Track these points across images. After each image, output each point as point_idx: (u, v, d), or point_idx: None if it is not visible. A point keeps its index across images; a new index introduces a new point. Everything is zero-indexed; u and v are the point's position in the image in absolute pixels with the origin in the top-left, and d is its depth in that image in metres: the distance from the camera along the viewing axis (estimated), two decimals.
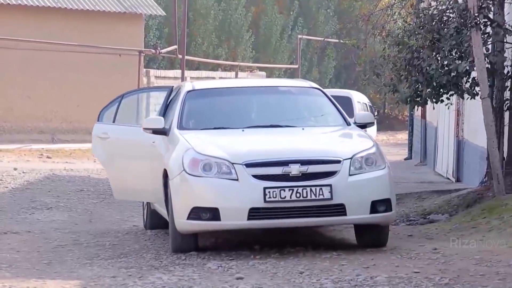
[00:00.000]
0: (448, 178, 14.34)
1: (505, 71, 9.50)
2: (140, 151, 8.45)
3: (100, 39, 22.17)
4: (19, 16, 21.40)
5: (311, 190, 7.15)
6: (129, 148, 8.61)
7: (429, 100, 9.71)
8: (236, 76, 27.23)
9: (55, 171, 14.82)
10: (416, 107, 10.71)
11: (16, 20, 21.28)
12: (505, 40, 9.45)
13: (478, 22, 8.95)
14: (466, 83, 9.55)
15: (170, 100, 8.65)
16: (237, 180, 7.19)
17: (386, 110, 36.82)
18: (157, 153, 8.16)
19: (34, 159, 17.41)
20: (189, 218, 7.24)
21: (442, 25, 9.47)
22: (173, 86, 8.94)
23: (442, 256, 7.02)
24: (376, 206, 7.30)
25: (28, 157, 17.79)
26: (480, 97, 9.20)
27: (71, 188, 12.94)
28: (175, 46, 24.49)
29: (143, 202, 9.45)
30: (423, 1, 10.40)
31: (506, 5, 9.55)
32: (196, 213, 7.22)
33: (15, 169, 15.44)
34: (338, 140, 7.86)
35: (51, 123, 21.79)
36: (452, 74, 9.29)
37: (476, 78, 9.33)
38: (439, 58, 9.36)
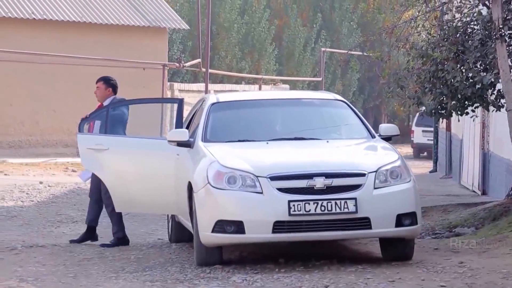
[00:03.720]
0: (474, 191, 14.24)
1: None
2: (160, 163, 8.38)
3: (124, 53, 22.30)
4: (44, 30, 21.58)
5: (335, 203, 7.12)
6: (141, 160, 8.50)
7: (454, 112, 9.65)
8: (260, 89, 27.27)
9: (80, 184, 14.88)
10: (440, 119, 10.66)
11: (41, 34, 21.46)
12: None
13: (503, 34, 8.90)
14: (491, 95, 9.49)
15: (194, 113, 8.67)
16: (261, 193, 7.18)
17: (410, 123, 36.68)
18: (181, 166, 8.17)
19: (60, 172, 17.50)
20: (213, 231, 7.24)
21: (467, 37, 9.42)
22: (183, 99, 8.91)
23: (469, 269, 6.96)
24: (401, 219, 7.27)
25: (54, 171, 17.89)
26: (506, 109, 9.13)
27: None
28: (199, 60, 24.57)
29: (167, 216, 9.46)
30: (447, 13, 10.35)
31: None
32: (221, 226, 7.21)
33: (40, 182, 15.54)
34: (362, 153, 7.83)
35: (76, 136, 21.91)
36: (477, 86, 9.23)
37: (501, 90, 9.27)
38: (463, 70, 9.31)
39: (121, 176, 8.55)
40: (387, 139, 8.13)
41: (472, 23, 9.49)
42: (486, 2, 9.23)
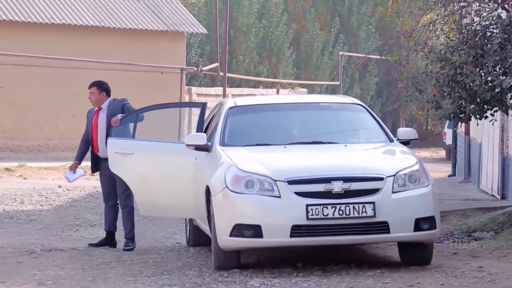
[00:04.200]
0: (493, 195, 14.16)
1: None
2: (177, 167, 8.43)
3: (142, 57, 22.37)
4: (63, 35, 21.69)
5: (354, 207, 7.10)
6: (162, 164, 8.55)
7: (472, 116, 9.60)
8: (278, 93, 27.26)
9: (98, 188, 14.87)
10: (459, 123, 10.60)
11: (60, 39, 21.58)
12: None
13: None
14: (510, 99, 9.43)
15: (212, 117, 8.67)
16: (279, 197, 7.17)
17: (429, 127, 36.57)
18: (199, 170, 8.17)
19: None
20: (231, 235, 7.24)
21: (486, 40, 9.38)
22: (206, 103, 8.94)
23: (488, 274, 6.92)
24: (420, 223, 7.24)
25: None
26: None
27: None
28: (217, 64, 24.62)
29: (185, 219, 9.47)
30: (466, 17, 10.31)
31: None
32: (239, 230, 7.21)
33: (59, 186, 15.60)
34: (381, 156, 7.81)
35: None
36: (496, 90, 9.18)
37: None
38: (482, 74, 9.26)
39: (144, 180, 8.60)
40: (406, 143, 8.10)
41: (491, 26, 9.45)
42: (506, 6, 9.18)
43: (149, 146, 8.69)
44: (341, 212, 7.08)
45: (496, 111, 9.66)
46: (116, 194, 9.12)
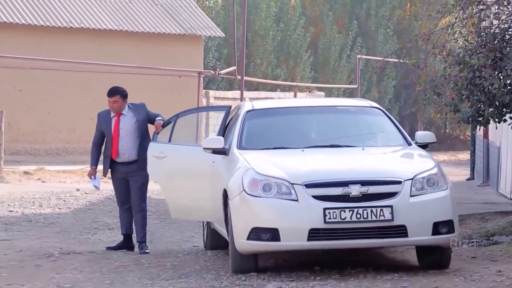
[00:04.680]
0: None
1: None
2: (200, 170, 8.47)
3: (160, 60, 22.43)
4: (81, 39, 21.78)
5: (371, 211, 7.08)
6: (187, 167, 8.62)
7: (491, 119, 9.56)
8: (295, 97, 27.25)
9: None
10: (478, 126, 10.55)
11: (78, 42, 21.67)
12: None
13: None
14: None
15: (230, 120, 8.68)
16: (296, 200, 7.16)
17: (447, 130, 36.42)
18: (217, 173, 8.18)
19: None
20: (249, 238, 7.24)
21: (505, 43, 9.33)
22: (231, 106, 8.96)
23: (507, 278, 6.87)
24: (438, 227, 7.21)
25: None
26: None
27: None
28: (234, 67, 24.63)
29: (203, 223, 9.48)
30: (485, 20, 10.26)
31: None
32: (256, 233, 7.21)
33: (77, 189, 15.66)
34: (399, 160, 7.78)
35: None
36: None
37: None
38: (501, 77, 9.22)
39: (174, 183, 8.68)
40: (424, 146, 8.07)
41: (510, 29, 9.40)
42: None
43: (179, 149, 8.75)
44: (358, 216, 7.06)
45: None
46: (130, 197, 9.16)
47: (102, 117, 9.26)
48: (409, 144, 8.06)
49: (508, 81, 9.18)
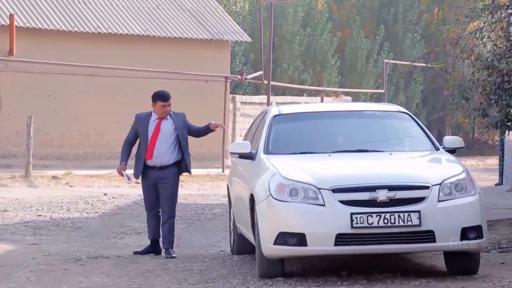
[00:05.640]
0: None
1: None
2: (238, 174, 8.65)
3: (187, 65, 22.49)
4: (109, 44, 21.90)
5: (399, 216, 7.05)
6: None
7: None
8: (322, 101, 27.20)
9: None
10: (507, 131, 10.46)
11: (106, 48, 21.78)
12: None
13: None
14: None
15: (258, 125, 8.69)
16: (323, 205, 7.14)
17: (475, 135, 36.18)
18: (243, 178, 8.19)
19: (124, 184, 17.67)
20: (275, 243, 7.23)
21: None
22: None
23: None
24: (466, 233, 7.15)
25: (118, 182, 18.09)
26: None
27: None
28: (261, 72, 24.64)
29: (229, 227, 9.49)
30: None
31: None
32: (283, 238, 7.19)
33: (105, 194, 15.74)
34: (426, 165, 7.74)
35: None
36: None
37: None
38: None
39: (235, 187, 8.85)
40: (452, 151, 8.02)
41: None
42: None
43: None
44: (386, 221, 7.03)
45: None
46: (159, 203, 9.18)
47: (141, 119, 9.30)
48: (437, 149, 8.01)
49: None
